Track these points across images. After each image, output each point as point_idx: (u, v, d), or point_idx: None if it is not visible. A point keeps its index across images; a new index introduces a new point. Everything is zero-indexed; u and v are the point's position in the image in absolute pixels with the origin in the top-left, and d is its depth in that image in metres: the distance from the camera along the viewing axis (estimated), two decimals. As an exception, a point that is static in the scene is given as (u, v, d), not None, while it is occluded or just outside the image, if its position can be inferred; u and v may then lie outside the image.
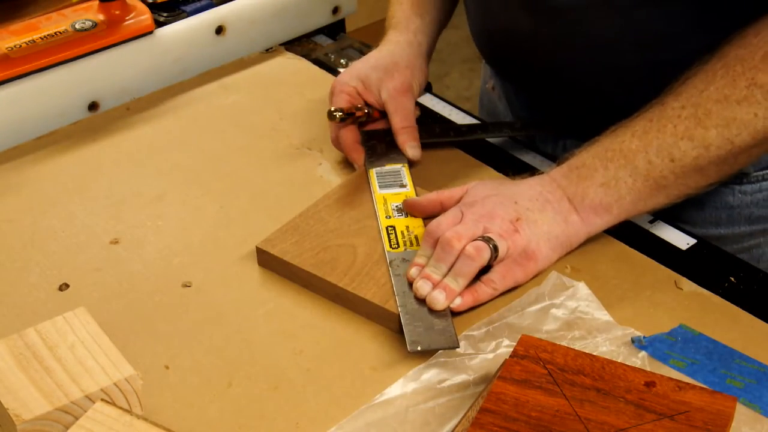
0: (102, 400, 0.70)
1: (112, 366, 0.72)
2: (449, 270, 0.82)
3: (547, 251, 0.85)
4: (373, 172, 0.97)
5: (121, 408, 0.70)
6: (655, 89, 0.86)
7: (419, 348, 0.78)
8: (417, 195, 0.94)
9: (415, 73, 1.02)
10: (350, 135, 1.00)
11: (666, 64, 0.88)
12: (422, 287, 0.82)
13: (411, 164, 0.99)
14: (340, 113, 0.98)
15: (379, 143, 1.00)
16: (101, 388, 0.70)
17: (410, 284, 0.83)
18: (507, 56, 1.06)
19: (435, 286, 0.82)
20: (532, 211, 0.85)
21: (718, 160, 0.83)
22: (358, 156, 0.99)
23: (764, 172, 0.99)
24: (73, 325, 0.76)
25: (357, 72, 1.02)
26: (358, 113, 1.00)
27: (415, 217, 0.91)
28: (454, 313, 0.82)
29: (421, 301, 0.82)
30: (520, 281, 0.84)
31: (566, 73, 0.98)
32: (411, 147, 0.99)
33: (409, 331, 0.79)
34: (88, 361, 0.72)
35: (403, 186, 0.95)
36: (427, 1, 1.08)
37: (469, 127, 1.06)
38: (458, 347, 0.78)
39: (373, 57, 1.03)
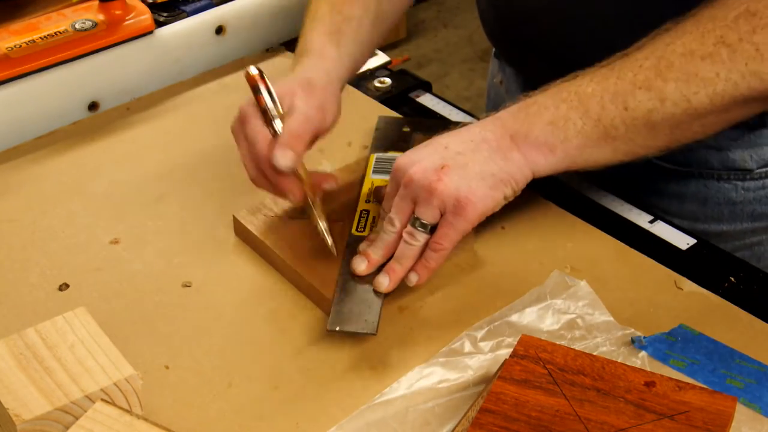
0: (102, 400, 0.70)
1: (112, 366, 0.72)
2: (390, 251, 0.83)
3: (483, 190, 0.81)
4: (374, 157, 0.97)
5: (121, 408, 0.70)
6: None
7: (337, 328, 0.79)
8: None
9: (328, 99, 0.92)
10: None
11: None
12: (357, 264, 0.83)
13: None
14: (255, 72, 0.88)
15: (392, 129, 0.99)
16: (101, 388, 0.70)
17: None
18: (513, 35, 1.04)
19: (371, 264, 0.83)
20: (463, 154, 0.81)
21: (672, 118, 0.79)
22: (292, 188, 0.87)
23: (767, 169, 0.99)
24: (73, 325, 0.76)
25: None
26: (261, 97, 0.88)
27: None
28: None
29: (362, 284, 0.82)
30: (464, 230, 0.82)
31: (572, 53, 0.96)
32: (282, 155, 0.85)
33: (335, 312, 0.80)
34: (88, 360, 0.72)
35: None
36: (348, 25, 0.97)
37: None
38: (374, 334, 0.79)
39: (284, 82, 0.91)
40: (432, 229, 0.81)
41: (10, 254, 0.92)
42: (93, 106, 1.12)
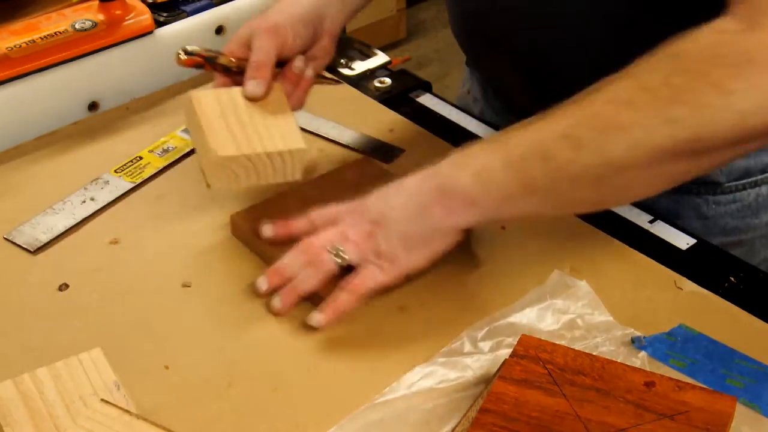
0: (102, 400, 0.70)
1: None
2: (300, 269, 0.82)
3: (403, 254, 0.80)
4: None
5: (120, 408, 0.70)
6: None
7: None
8: None
9: (296, 21, 0.92)
10: (220, 81, 0.94)
11: (637, 48, 0.86)
12: (261, 284, 0.84)
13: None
14: (187, 55, 0.91)
15: None
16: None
17: None
18: (479, 39, 1.03)
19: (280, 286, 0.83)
20: (395, 209, 0.80)
21: (591, 170, 0.74)
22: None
23: (737, 182, 0.99)
24: None
25: (239, 35, 0.94)
26: (220, 59, 0.92)
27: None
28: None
29: None
30: (383, 283, 0.81)
31: (536, 55, 0.95)
32: (252, 83, 0.89)
33: None
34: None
35: None
36: None
37: None
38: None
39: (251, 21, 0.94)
40: (344, 270, 0.81)
41: (11, 254, 0.91)
42: (93, 106, 1.12)
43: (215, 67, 0.93)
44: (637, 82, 0.72)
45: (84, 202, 0.95)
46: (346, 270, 0.82)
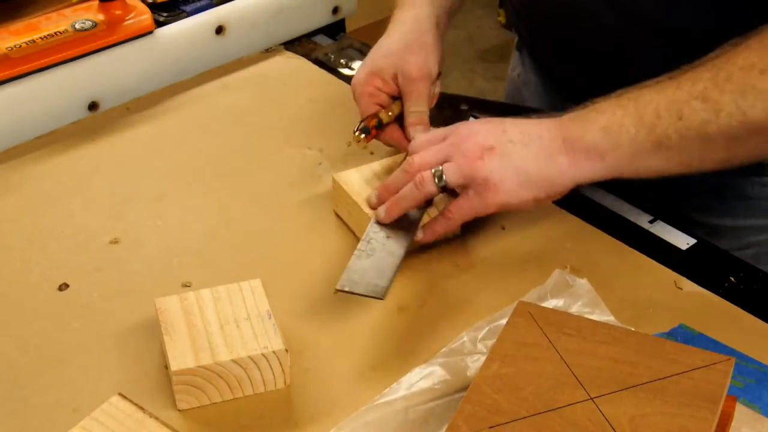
0: (119, 394, 0.71)
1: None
2: (406, 192, 0.85)
3: (512, 186, 0.82)
4: None
5: (135, 405, 0.70)
6: (676, 59, 0.83)
7: (346, 288, 0.81)
8: None
9: (429, 52, 0.98)
10: (390, 133, 0.99)
11: (691, 29, 0.86)
12: (371, 198, 0.88)
13: None
14: (364, 134, 0.96)
15: (448, 107, 1.03)
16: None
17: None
18: (537, 26, 1.04)
19: (379, 200, 0.87)
20: (515, 144, 0.82)
21: (727, 131, 0.78)
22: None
23: None
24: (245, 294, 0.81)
25: (370, 67, 0.98)
26: (384, 118, 0.97)
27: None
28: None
29: (380, 251, 0.84)
30: (479, 211, 0.83)
31: (594, 45, 0.96)
32: (416, 129, 0.96)
33: (348, 274, 0.82)
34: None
35: None
36: None
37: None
38: (382, 299, 0.81)
39: (384, 44, 0.99)
40: (445, 191, 0.84)
41: (10, 254, 0.92)
42: (93, 106, 1.12)
43: (382, 128, 0.98)
44: None
45: None
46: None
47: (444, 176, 0.83)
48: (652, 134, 0.80)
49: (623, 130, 0.80)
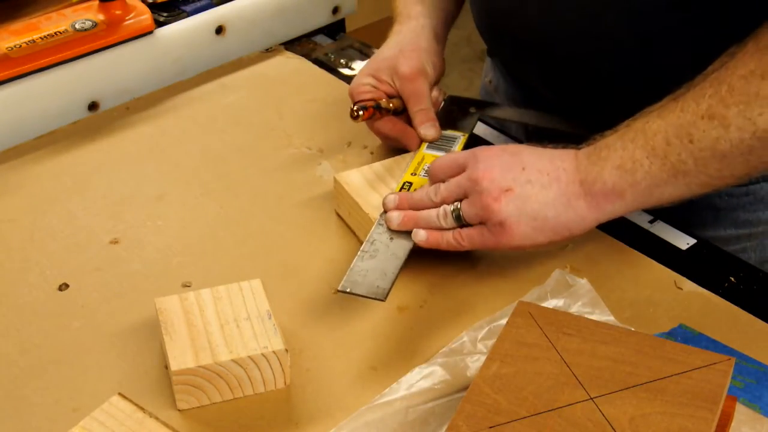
0: (119, 394, 0.71)
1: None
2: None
3: (527, 230, 0.81)
4: None
5: (135, 404, 0.70)
6: (648, 69, 0.82)
7: (348, 290, 0.81)
8: None
9: (424, 56, 0.99)
10: (388, 124, 0.99)
11: (658, 39, 0.86)
12: (389, 201, 0.87)
13: (472, 138, 1.00)
14: (362, 110, 0.96)
15: (457, 110, 1.02)
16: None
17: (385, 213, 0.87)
18: (503, 36, 1.05)
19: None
20: (533, 185, 0.81)
21: (741, 144, 0.76)
22: (410, 140, 0.98)
23: None
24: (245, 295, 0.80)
25: (367, 70, 1.01)
26: (383, 104, 0.98)
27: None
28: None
29: (384, 252, 0.85)
30: (490, 247, 0.83)
31: (556, 47, 0.96)
32: (425, 127, 0.96)
33: (350, 275, 0.82)
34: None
35: (448, 152, 0.95)
36: None
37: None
38: (383, 300, 0.81)
39: (380, 52, 1.02)
40: (461, 226, 0.84)
41: (10, 254, 0.92)
42: (93, 106, 1.12)
43: (381, 112, 0.98)
44: (767, 54, 0.75)
45: None
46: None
47: (462, 214, 0.83)
48: (667, 163, 0.78)
49: (637, 165, 0.79)
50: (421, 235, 0.85)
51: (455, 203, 0.83)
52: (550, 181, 0.81)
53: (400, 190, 0.90)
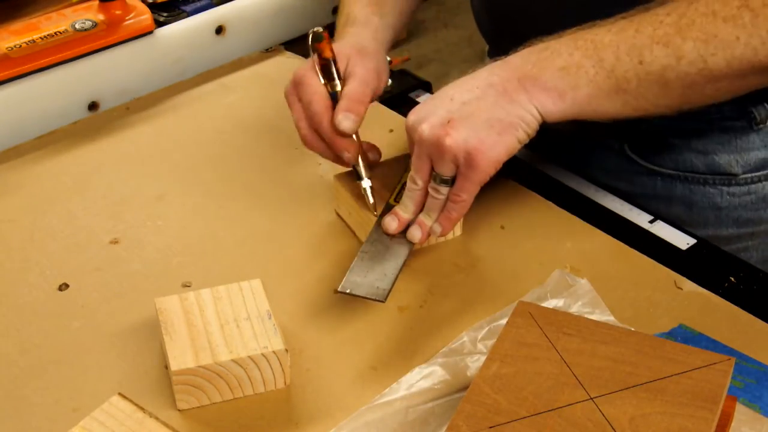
0: (119, 394, 0.71)
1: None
2: (418, 207, 0.86)
3: (492, 138, 0.80)
4: None
5: (135, 404, 0.70)
6: None
7: (348, 291, 0.81)
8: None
9: (381, 63, 0.95)
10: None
11: None
12: (389, 224, 0.86)
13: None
14: (317, 41, 0.90)
15: None
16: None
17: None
18: (506, 33, 1.04)
19: (401, 223, 0.86)
20: (468, 103, 0.81)
21: (686, 78, 0.78)
22: (350, 147, 0.90)
23: (753, 174, 0.99)
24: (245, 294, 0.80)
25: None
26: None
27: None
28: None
29: (383, 254, 0.85)
30: (482, 179, 0.82)
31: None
32: (345, 117, 0.88)
33: (350, 275, 0.82)
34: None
35: None
36: (385, 2, 1.02)
37: None
38: (383, 302, 0.81)
39: (336, 44, 0.95)
40: (453, 181, 0.83)
41: (10, 254, 0.92)
42: (93, 106, 1.12)
43: (323, 55, 0.91)
44: (732, 0, 0.76)
45: None
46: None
47: (441, 175, 0.82)
48: (612, 77, 0.79)
49: (582, 71, 0.80)
50: (437, 229, 0.85)
51: (432, 174, 0.83)
52: (483, 89, 0.81)
53: (398, 193, 0.90)
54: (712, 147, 0.98)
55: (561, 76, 0.80)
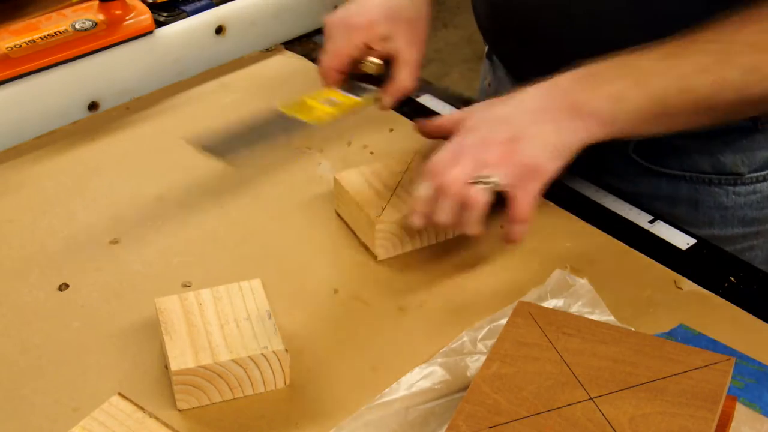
0: (119, 394, 0.71)
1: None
2: (453, 214, 0.83)
3: (547, 162, 0.83)
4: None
5: (135, 404, 0.70)
6: None
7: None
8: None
9: (425, 24, 0.98)
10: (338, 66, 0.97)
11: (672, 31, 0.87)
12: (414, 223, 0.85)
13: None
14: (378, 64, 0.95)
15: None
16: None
17: None
18: (506, 31, 1.04)
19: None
20: (528, 126, 0.83)
21: (728, 103, 0.82)
22: (331, 78, 0.97)
23: (758, 174, 0.99)
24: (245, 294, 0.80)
25: (370, 13, 0.97)
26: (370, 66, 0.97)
27: (427, 136, 0.94)
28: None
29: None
30: (538, 194, 0.84)
31: (567, 51, 0.97)
32: (388, 101, 0.97)
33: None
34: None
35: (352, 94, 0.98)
36: None
37: None
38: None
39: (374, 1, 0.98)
40: (497, 197, 0.83)
41: (10, 254, 0.92)
42: (93, 106, 1.12)
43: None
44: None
45: None
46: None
47: (491, 178, 0.82)
48: (658, 104, 0.82)
49: (629, 98, 0.82)
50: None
51: (479, 176, 0.82)
52: (539, 115, 0.83)
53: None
54: (717, 147, 0.98)
55: (609, 103, 0.82)
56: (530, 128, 0.83)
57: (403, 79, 0.97)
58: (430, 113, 1.12)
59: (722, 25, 0.81)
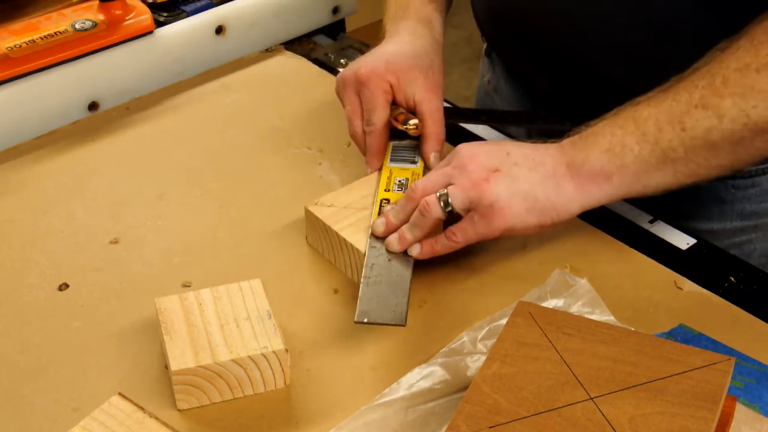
0: (119, 394, 0.71)
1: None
2: (407, 215, 0.84)
3: (519, 210, 0.80)
4: (391, 145, 0.96)
5: (135, 404, 0.71)
6: (660, 72, 0.83)
7: (366, 320, 0.79)
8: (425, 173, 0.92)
9: (440, 72, 0.97)
10: (382, 141, 0.95)
11: (675, 45, 0.86)
12: (377, 226, 0.85)
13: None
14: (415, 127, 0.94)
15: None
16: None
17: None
18: (508, 32, 1.04)
19: (388, 227, 0.85)
20: (519, 167, 0.81)
21: (732, 135, 0.77)
22: (376, 162, 0.94)
23: (757, 167, 0.99)
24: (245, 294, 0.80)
25: (388, 64, 0.94)
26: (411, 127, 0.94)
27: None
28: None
29: (387, 275, 0.83)
30: (484, 236, 0.82)
31: (566, 49, 0.97)
32: (435, 157, 0.93)
33: (363, 303, 0.80)
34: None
35: (413, 163, 0.94)
36: None
37: (503, 114, 1.06)
38: (404, 325, 0.79)
39: (398, 47, 0.95)
40: (451, 215, 0.82)
41: (10, 254, 0.92)
42: (93, 106, 1.12)
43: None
44: (766, 48, 0.76)
45: None
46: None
47: (450, 200, 0.81)
48: (657, 149, 0.79)
49: (627, 149, 0.80)
50: (415, 249, 0.84)
51: (440, 190, 0.82)
52: (536, 164, 0.82)
53: (380, 211, 0.88)
54: None
55: (607, 158, 0.80)
56: (520, 170, 0.81)
57: (439, 132, 0.94)
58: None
59: (710, 59, 0.79)
